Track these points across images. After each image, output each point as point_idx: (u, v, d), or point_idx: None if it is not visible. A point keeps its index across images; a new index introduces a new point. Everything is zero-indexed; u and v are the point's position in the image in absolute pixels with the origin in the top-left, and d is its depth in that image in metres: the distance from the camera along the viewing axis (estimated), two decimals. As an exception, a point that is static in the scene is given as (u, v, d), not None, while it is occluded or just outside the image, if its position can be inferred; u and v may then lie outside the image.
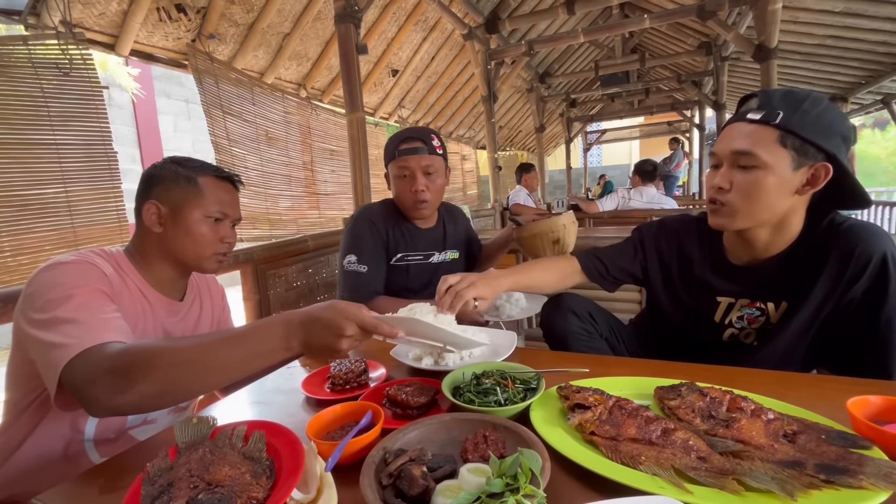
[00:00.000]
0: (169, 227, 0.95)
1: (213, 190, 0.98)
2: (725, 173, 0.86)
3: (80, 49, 2.19)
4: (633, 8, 6.09)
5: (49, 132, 2.12)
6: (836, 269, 0.84)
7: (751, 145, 0.82)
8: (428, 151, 1.38)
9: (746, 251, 0.95)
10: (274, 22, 3.15)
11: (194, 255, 0.97)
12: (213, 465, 0.55)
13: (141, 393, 0.65)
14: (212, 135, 2.96)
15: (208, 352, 0.67)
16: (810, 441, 0.57)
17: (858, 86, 5.53)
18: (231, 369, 0.67)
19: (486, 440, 0.60)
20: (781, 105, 0.81)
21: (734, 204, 0.86)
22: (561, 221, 1.37)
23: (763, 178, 0.82)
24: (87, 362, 0.68)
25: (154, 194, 0.95)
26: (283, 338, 0.68)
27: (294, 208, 3.78)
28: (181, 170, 0.97)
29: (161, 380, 0.66)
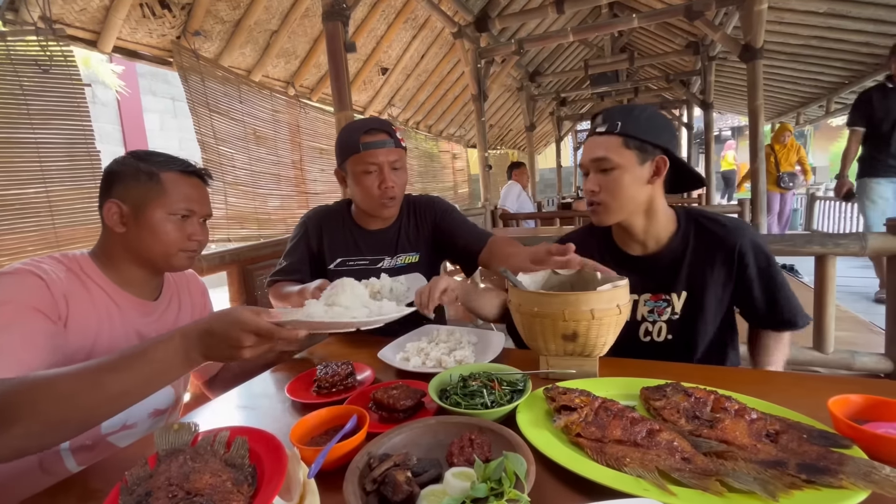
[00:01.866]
0: (132, 226, 0.91)
1: (177, 186, 0.93)
2: (593, 179, 1.04)
3: (60, 45, 2.14)
4: (621, 7, 6.13)
5: (29, 131, 2.07)
6: (724, 261, 1.03)
7: (604, 151, 1.00)
8: (394, 145, 1.27)
9: (633, 241, 1.10)
10: (261, 19, 3.11)
11: (161, 254, 0.94)
12: (193, 474, 0.54)
13: (18, 435, 0.58)
14: (198, 133, 2.92)
15: (93, 382, 0.62)
16: (792, 441, 0.58)
17: (842, 85, 5.63)
18: (122, 396, 0.64)
19: (471, 443, 0.60)
20: (619, 117, 1.01)
21: (605, 202, 1.03)
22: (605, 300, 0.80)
23: (620, 176, 1.00)
24: None
25: (114, 192, 0.91)
26: (183, 352, 0.67)
27: (283, 208, 3.75)
28: (142, 165, 0.92)
29: (40, 418, 0.59)
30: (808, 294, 1.73)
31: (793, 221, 8.31)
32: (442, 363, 0.93)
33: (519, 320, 0.88)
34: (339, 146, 1.32)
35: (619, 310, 0.81)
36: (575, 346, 0.83)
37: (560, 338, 0.82)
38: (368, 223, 1.38)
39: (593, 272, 0.92)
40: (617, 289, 0.82)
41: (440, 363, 0.94)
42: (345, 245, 1.37)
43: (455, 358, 0.94)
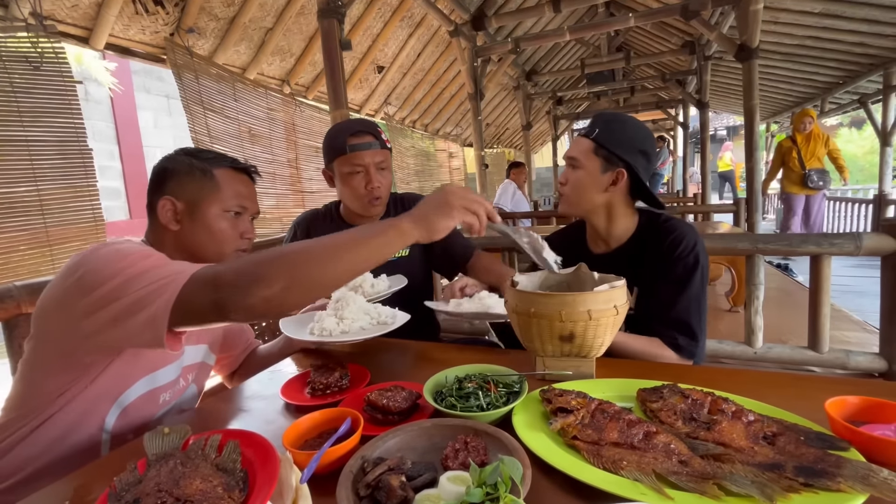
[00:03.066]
0: (186, 223, 0.90)
1: (230, 182, 0.93)
2: (565, 172, 1.15)
3: (51, 42, 2.12)
4: (618, 6, 6.13)
5: (19, 128, 2.04)
6: (664, 257, 1.07)
7: (576, 153, 1.11)
8: (380, 146, 1.30)
9: (598, 239, 1.19)
10: (256, 16, 3.09)
11: (215, 253, 0.93)
12: (183, 479, 0.53)
13: (272, 287, 0.65)
14: (192, 131, 2.90)
15: (334, 244, 0.70)
16: (789, 443, 0.58)
17: (836, 86, 5.66)
18: (350, 254, 0.70)
19: (467, 447, 0.59)
20: (600, 124, 1.09)
21: (567, 194, 1.15)
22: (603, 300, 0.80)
23: (582, 176, 1.11)
24: (206, 276, 0.68)
25: (168, 189, 0.90)
26: (393, 221, 0.75)
27: (278, 206, 3.73)
28: (196, 162, 0.91)
29: (289, 271, 0.66)
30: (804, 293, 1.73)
31: (788, 220, 8.30)
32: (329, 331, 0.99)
33: (516, 321, 0.87)
34: (325, 147, 1.35)
35: (616, 310, 0.80)
36: (572, 347, 0.82)
37: (557, 338, 0.81)
38: (357, 221, 1.41)
39: (590, 272, 0.92)
40: (614, 289, 0.81)
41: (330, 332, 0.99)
42: None
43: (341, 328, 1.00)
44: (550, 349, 0.84)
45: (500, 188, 5.22)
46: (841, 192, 7.59)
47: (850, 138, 15.07)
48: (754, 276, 1.73)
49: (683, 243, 1.05)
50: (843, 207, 6.73)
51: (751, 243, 1.70)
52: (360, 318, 1.01)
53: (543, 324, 0.81)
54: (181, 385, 0.97)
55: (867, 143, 14.41)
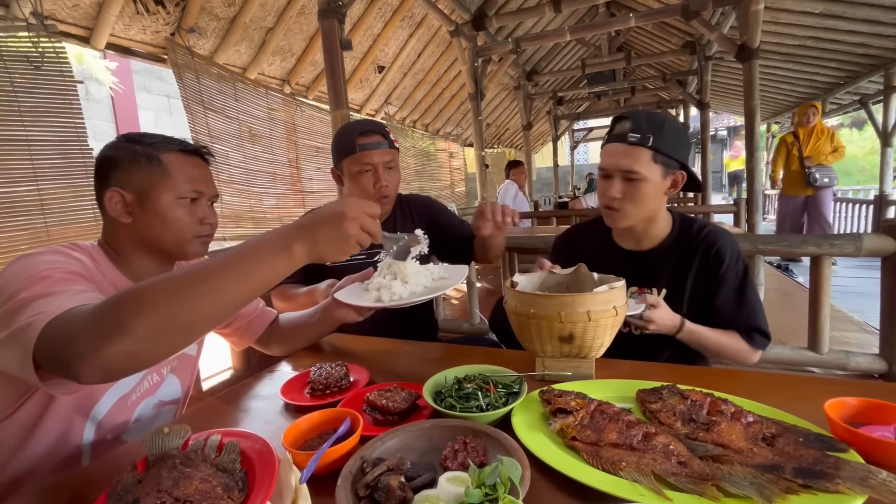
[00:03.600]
0: (138, 215, 0.85)
1: (180, 167, 0.87)
2: (617, 185, 1.07)
3: (52, 42, 2.12)
4: (619, 7, 6.13)
5: (20, 128, 2.05)
6: (703, 262, 1.09)
7: (633, 164, 1.04)
8: (388, 146, 1.32)
9: (631, 239, 1.17)
10: (256, 16, 3.09)
11: (174, 243, 0.88)
12: (182, 479, 0.53)
13: (136, 333, 0.54)
14: (193, 131, 2.90)
15: (194, 276, 0.58)
16: (788, 444, 0.58)
17: (837, 86, 5.66)
18: (224, 289, 0.59)
19: (466, 447, 0.59)
20: (650, 129, 1.03)
21: (625, 209, 1.08)
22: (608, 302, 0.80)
23: (644, 187, 1.05)
24: (62, 323, 0.58)
25: (113, 180, 0.84)
26: (279, 240, 0.63)
27: (279, 206, 3.73)
28: (139, 148, 0.85)
29: (153, 314, 0.55)
30: (804, 294, 1.73)
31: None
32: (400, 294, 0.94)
33: (515, 321, 0.87)
34: (335, 147, 1.37)
35: (616, 311, 0.80)
36: (571, 348, 0.82)
37: (556, 339, 0.81)
38: None
39: (590, 273, 0.93)
40: (613, 290, 0.81)
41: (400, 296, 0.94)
42: None
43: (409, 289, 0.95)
44: (550, 350, 0.84)
45: (502, 189, 5.22)
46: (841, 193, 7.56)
47: (851, 139, 15.06)
48: (753, 277, 1.73)
49: (728, 254, 1.08)
50: (844, 208, 6.72)
51: (751, 244, 1.70)
52: (422, 278, 0.99)
53: (543, 324, 0.80)
54: (154, 380, 0.94)
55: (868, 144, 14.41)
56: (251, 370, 1.97)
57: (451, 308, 3.46)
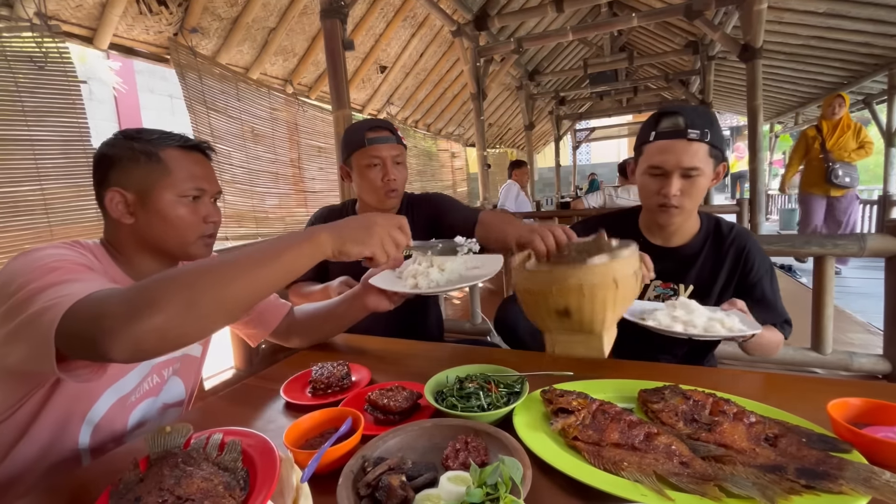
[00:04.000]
0: (140, 215, 0.83)
1: (181, 164, 0.84)
2: (676, 184, 1.03)
3: (55, 42, 2.13)
4: (621, 6, 6.12)
5: (24, 128, 2.06)
6: (732, 262, 1.11)
7: (696, 161, 1.02)
8: (396, 141, 1.36)
9: (662, 234, 1.16)
10: (259, 16, 3.10)
11: (178, 243, 0.86)
12: (184, 478, 0.53)
13: (168, 311, 0.55)
14: (195, 131, 2.91)
15: (236, 258, 0.62)
16: (791, 445, 0.57)
17: (841, 86, 5.63)
18: (252, 272, 0.62)
19: (467, 447, 0.59)
20: (705, 124, 1.01)
21: (686, 206, 1.06)
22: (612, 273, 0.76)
23: (701, 182, 1.04)
24: (89, 304, 0.58)
25: (113, 180, 0.81)
26: (307, 231, 0.68)
27: (281, 206, 3.74)
28: (137, 145, 0.82)
29: (187, 292, 0.56)
30: (807, 294, 1.72)
31: (790, 222, 8.26)
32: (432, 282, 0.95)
33: (521, 299, 0.88)
34: (344, 142, 1.40)
35: (616, 284, 0.75)
36: (571, 323, 0.79)
37: (555, 314, 0.80)
38: None
39: (608, 240, 0.90)
40: (613, 262, 0.76)
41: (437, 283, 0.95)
42: None
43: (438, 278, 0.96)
44: (551, 325, 0.83)
45: (503, 189, 5.22)
46: None
47: (855, 139, 14.99)
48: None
49: (758, 255, 1.10)
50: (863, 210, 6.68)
51: (754, 244, 1.69)
52: (458, 266, 1.00)
53: (540, 300, 0.81)
54: (155, 381, 0.93)
55: (872, 144, 14.31)
56: (253, 369, 1.97)
57: (452, 308, 3.46)
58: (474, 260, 1.03)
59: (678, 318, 0.90)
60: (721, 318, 0.89)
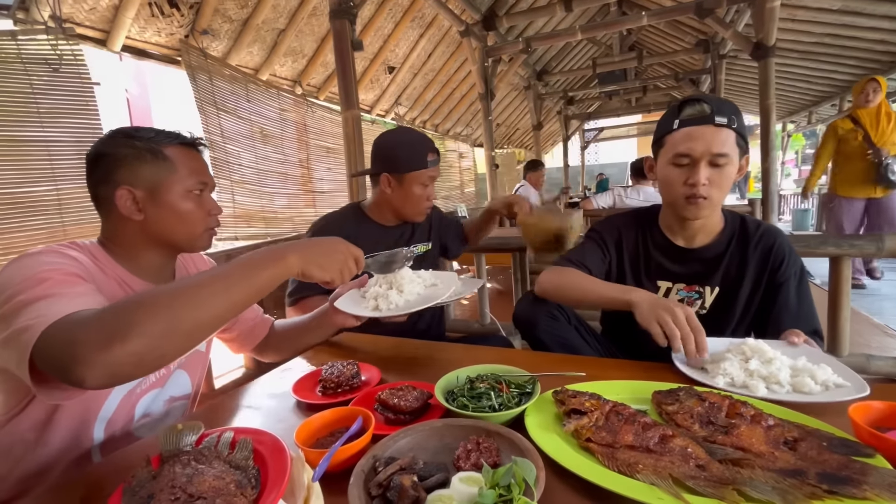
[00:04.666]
0: (150, 211, 0.84)
1: (184, 160, 0.87)
2: (704, 171, 0.98)
3: (70, 44, 2.16)
4: (630, 5, 6.07)
5: (39, 129, 2.09)
6: (760, 261, 1.05)
7: (726, 147, 0.97)
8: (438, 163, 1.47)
9: (685, 233, 1.10)
10: (269, 18, 3.12)
11: (186, 236, 0.89)
12: (196, 476, 0.53)
13: (148, 334, 0.56)
14: (206, 132, 2.93)
15: (210, 278, 0.64)
16: (811, 449, 0.56)
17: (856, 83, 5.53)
18: (223, 293, 0.64)
19: (479, 447, 0.58)
20: (732, 111, 0.97)
21: (714, 197, 1.00)
22: (569, 223, 1.46)
23: (730, 171, 0.99)
24: (63, 327, 0.58)
25: (120, 178, 0.82)
26: (278, 250, 0.71)
27: (290, 206, 3.76)
28: (140, 143, 0.84)
29: (165, 314, 0.58)
30: (822, 296, 1.69)
31: (803, 223, 8.13)
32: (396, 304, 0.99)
33: (525, 230, 1.53)
34: (401, 156, 1.40)
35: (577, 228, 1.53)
36: (555, 245, 1.47)
37: (552, 238, 1.48)
38: (389, 221, 1.50)
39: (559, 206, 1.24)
40: (579, 214, 1.59)
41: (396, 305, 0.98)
42: (365, 244, 1.39)
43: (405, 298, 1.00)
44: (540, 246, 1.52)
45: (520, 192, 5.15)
46: None
47: (870, 138, 14.75)
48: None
49: (787, 253, 1.04)
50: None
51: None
52: (416, 286, 1.04)
53: (541, 230, 1.51)
54: (161, 373, 0.94)
55: (887, 143, 14.04)
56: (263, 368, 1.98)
57: (460, 308, 3.45)
58: (430, 277, 1.09)
59: (755, 374, 0.75)
60: (809, 368, 0.75)
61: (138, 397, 0.91)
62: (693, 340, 0.80)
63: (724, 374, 0.77)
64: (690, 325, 0.81)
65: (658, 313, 0.83)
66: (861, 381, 0.70)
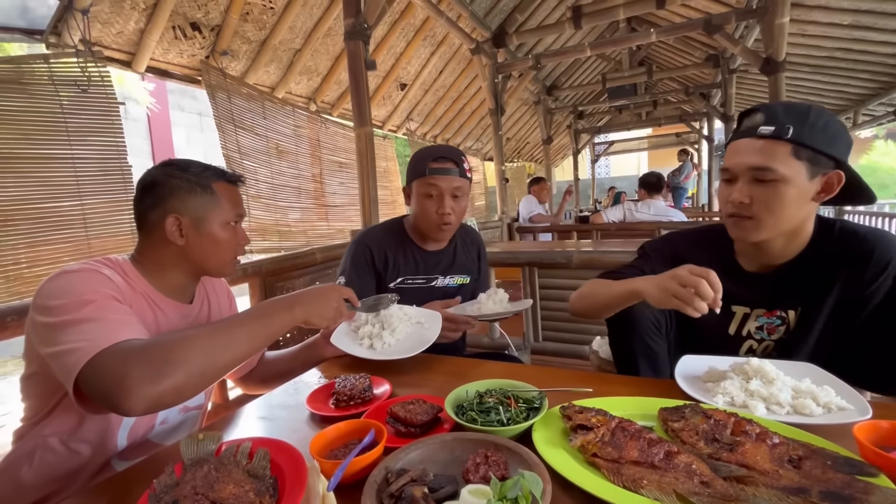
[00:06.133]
0: (192, 238, 0.94)
1: (227, 195, 0.98)
2: (744, 188, 0.89)
3: (98, 66, 2.26)
4: (639, 22, 6.14)
5: (66, 147, 2.18)
6: (853, 274, 0.89)
7: (767, 160, 0.86)
8: (459, 174, 1.34)
9: (759, 258, 0.98)
10: (285, 38, 3.23)
11: (218, 262, 0.99)
12: (217, 483, 0.55)
13: (188, 373, 0.68)
14: (224, 148, 3.02)
15: (237, 324, 0.78)
16: (816, 467, 0.57)
17: (870, 97, 5.50)
18: (244, 342, 0.77)
19: (487, 460, 0.60)
20: (789, 119, 0.85)
21: (759, 217, 0.89)
22: None
23: (784, 190, 0.86)
24: (113, 358, 0.67)
25: (171, 206, 0.92)
26: (287, 303, 0.85)
27: (303, 220, 3.83)
28: (193, 178, 0.94)
29: (204, 356, 0.70)
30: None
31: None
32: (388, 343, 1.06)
33: None
34: (410, 167, 1.42)
35: None
36: None
37: None
38: (426, 244, 1.44)
39: None
40: None
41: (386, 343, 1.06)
42: (406, 264, 1.41)
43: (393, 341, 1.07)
44: None
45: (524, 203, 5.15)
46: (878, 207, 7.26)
47: (886, 151, 14.55)
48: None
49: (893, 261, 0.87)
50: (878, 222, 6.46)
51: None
52: (404, 324, 1.10)
53: None
54: None
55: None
56: (275, 380, 2.01)
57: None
58: (415, 313, 1.15)
59: (755, 394, 0.75)
60: (812, 390, 0.74)
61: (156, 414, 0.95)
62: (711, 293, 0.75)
63: (724, 393, 0.77)
64: (697, 275, 0.76)
65: (668, 288, 0.78)
66: (864, 404, 0.70)
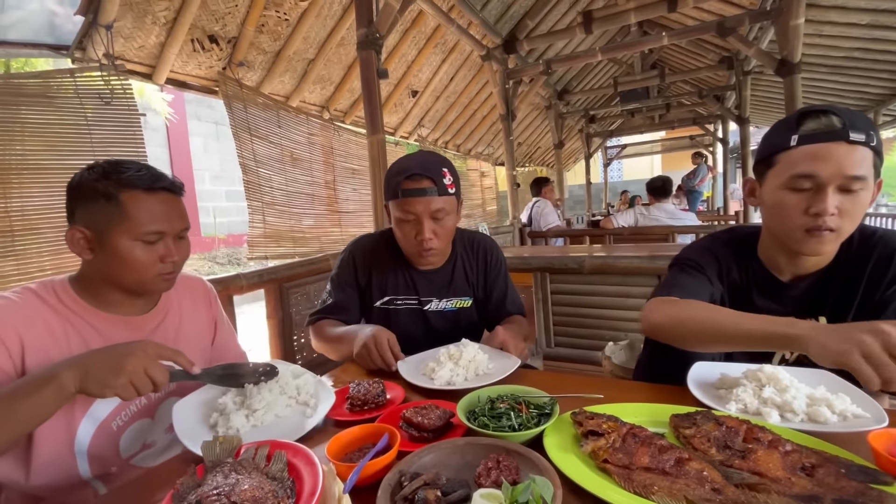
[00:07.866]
0: (98, 253, 0.84)
1: (140, 208, 0.84)
2: (833, 198, 0.81)
3: (120, 79, 2.34)
4: (651, 25, 6.10)
5: (90, 157, 2.25)
6: (875, 275, 0.88)
7: (862, 169, 0.80)
8: (438, 192, 1.14)
9: (796, 269, 0.94)
10: (299, 49, 3.30)
11: (134, 282, 0.88)
12: (238, 485, 0.57)
13: None
14: (240, 157, 3.09)
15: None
16: (829, 475, 0.57)
17: (890, 97, 5.38)
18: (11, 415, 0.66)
19: (499, 465, 0.61)
20: (868, 126, 0.81)
21: (841, 228, 0.83)
22: None
23: (865, 199, 0.82)
24: None
25: (76, 216, 0.84)
26: (49, 372, 0.69)
27: (317, 226, 3.88)
28: (100, 185, 0.82)
29: None
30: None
31: None
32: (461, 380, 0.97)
33: None
34: (384, 185, 1.26)
35: None
36: None
37: None
38: (415, 260, 1.28)
39: None
40: None
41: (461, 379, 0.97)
42: (395, 283, 1.30)
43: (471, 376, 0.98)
44: None
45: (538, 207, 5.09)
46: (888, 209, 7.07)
47: (909, 151, 14.16)
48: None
49: None
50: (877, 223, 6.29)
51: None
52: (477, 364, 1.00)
53: None
54: (142, 403, 0.93)
55: (929, 156, 13.47)
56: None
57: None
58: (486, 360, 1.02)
59: (769, 401, 0.74)
60: (827, 397, 0.73)
61: (121, 430, 0.91)
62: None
63: (738, 401, 0.76)
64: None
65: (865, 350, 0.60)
66: (881, 412, 0.68)
